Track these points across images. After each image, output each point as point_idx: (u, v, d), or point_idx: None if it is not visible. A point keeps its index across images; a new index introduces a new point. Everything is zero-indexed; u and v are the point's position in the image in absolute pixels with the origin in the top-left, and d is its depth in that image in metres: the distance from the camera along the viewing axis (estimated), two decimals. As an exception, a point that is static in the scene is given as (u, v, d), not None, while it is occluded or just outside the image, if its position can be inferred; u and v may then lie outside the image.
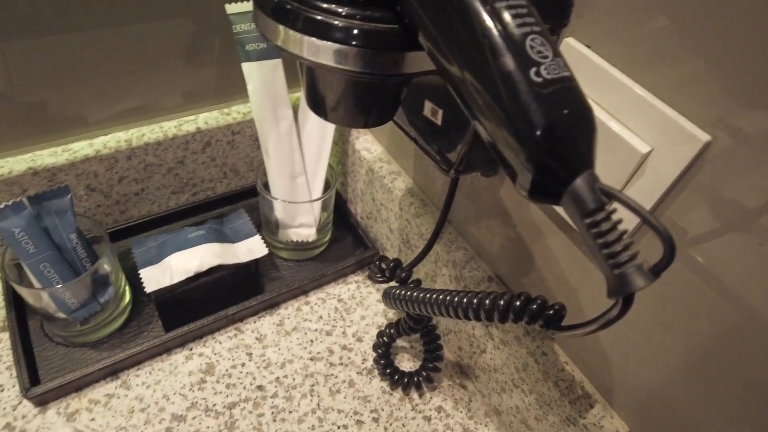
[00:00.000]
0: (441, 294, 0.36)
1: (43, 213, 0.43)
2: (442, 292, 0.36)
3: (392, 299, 0.40)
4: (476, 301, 0.32)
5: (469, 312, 0.33)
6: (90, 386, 0.45)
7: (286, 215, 0.52)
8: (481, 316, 0.32)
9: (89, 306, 0.45)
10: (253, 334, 0.49)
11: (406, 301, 0.39)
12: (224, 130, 0.53)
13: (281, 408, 0.45)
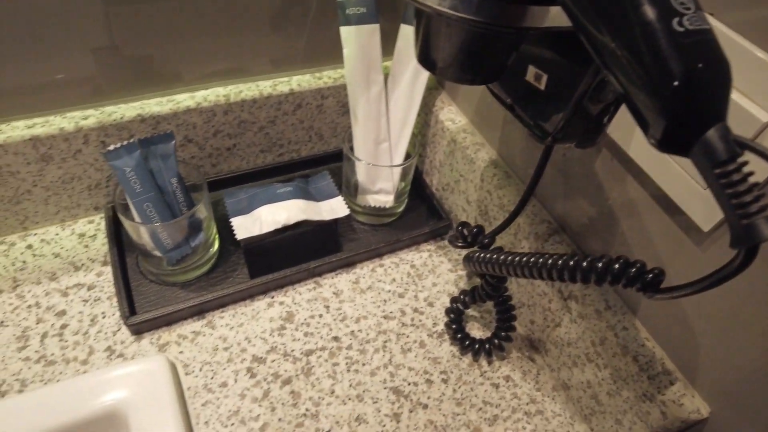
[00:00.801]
0: (533, 256, 0.36)
1: (150, 156, 0.46)
2: (534, 254, 0.36)
3: (477, 262, 0.41)
4: (572, 263, 0.33)
5: (564, 273, 0.33)
6: (179, 322, 0.48)
7: (367, 179, 0.53)
8: (576, 277, 0.33)
9: (182, 248, 0.48)
10: (330, 288, 0.51)
11: (494, 263, 0.39)
12: (315, 94, 0.55)
13: (355, 359, 0.47)
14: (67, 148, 0.48)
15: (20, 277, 0.49)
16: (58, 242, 0.52)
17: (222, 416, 0.43)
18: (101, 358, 0.45)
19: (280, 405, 0.44)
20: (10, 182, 0.48)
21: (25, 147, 0.46)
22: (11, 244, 0.51)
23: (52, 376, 0.43)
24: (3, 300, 0.47)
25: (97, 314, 0.47)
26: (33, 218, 0.52)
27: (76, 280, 0.49)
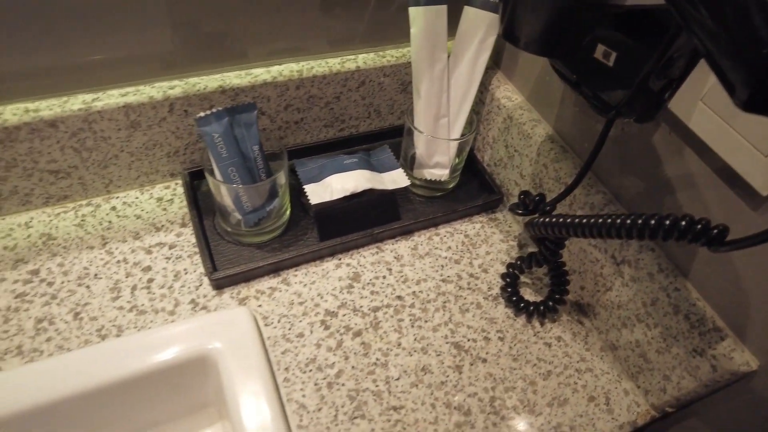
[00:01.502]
0: (601, 217, 0.40)
1: (235, 124, 0.49)
2: (603, 215, 0.40)
3: (543, 226, 0.44)
4: (641, 222, 0.36)
5: (633, 231, 0.36)
6: (256, 279, 0.52)
7: (426, 153, 0.57)
8: (645, 234, 0.36)
9: (259, 211, 0.52)
10: (391, 253, 0.55)
11: (562, 226, 0.43)
12: (378, 72, 0.58)
13: (418, 317, 0.51)
14: (154, 116, 0.51)
15: (108, 236, 0.53)
16: (138, 205, 0.56)
17: (300, 363, 0.47)
18: (186, 309, 0.49)
19: (352, 354, 0.48)
20: (102, 147, 0.52)
21: (119, 114, 0.50)
22: (97, 206, 0.55)
23: (144, 324, 0.47)
24: (95, 255, 0.51)
25: (179, 270, 0.51)
26: (116, 182, 0.55)
27: (158, 240, 0.53)
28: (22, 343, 0.45)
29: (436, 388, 0.47)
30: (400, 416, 0.45)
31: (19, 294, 0.48)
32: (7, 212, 0.53)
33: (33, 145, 0.49)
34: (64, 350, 0.45)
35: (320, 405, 0.44)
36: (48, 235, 0.52)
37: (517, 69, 0.57)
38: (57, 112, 0.48)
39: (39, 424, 0.43)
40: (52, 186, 0.53)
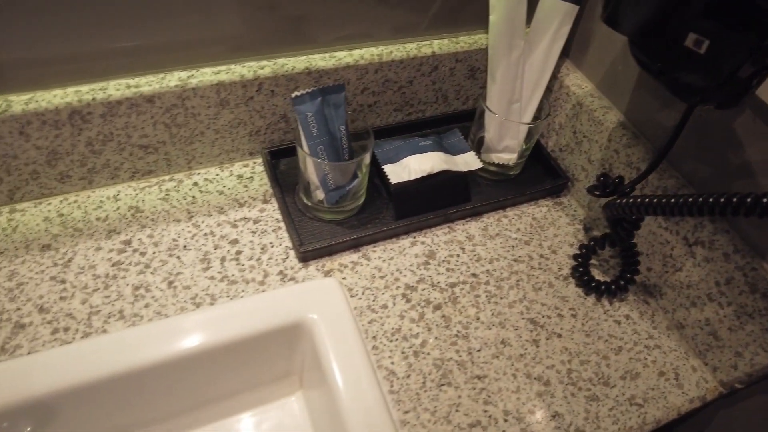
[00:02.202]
0: (682, 197, 0.41)
1: (325, 104, 0.51)
2: (683, 195, 0.42)
3: (625, 206, 0.46)
4: (736, 200, 0.38)
5: (728, 208, 0.38)
6: (338, 254, 0.54)
7: (496, 136, 0.59)
8: (740, 211, 0.38)
9: (340, 190, 0.54)
10: (463, 233, 0.57)
11: (646, 206, 0.44)
12: (450, 57, 0.60)
13: (493, 293, 0.53)
14: (243, 95, 0.53)
15: (193, 210, 0.55)
16: (219, 182, 0.58)
17: (387, 332, 0.49)
18: (275, 280, 0.51)
19: (434, 326, 0.50)
20: (191, 123, 0.54)
21: (211, 91, 0.52)
22: (180, 181, 0.57)
23: (235, 293, 0.49)
24: (182, 228, 0.53)
25: (265, 244, 0.53)
26: (198, 159, 0.57)
27: (242, 215, 0.55)
28: (123, 308, 0.47)
29: (516, 360, 0.49)
30: (484, 385, 0.47)
31: (115, 262, 0.50)
32: (97, 185, 0.55)
33: (130, 119, 0.51)
34: (162, 316, 0.47)
35: (408, 372, 0.47)
36: (136, 208, 0.54)
37: (587, 58, 0.59)
38: (155, 88, 0.50)
39: (134, 385, 0.45)
40: (140, 161, 0.55)
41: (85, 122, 0.49)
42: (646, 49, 0.47)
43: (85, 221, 0.53)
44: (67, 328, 0.46)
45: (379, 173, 0.57)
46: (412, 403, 0.45)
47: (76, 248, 0.51)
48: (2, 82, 0.47)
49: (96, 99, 0.48)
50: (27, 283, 0.48)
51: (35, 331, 0.45)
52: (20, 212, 0.53)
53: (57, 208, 0.54)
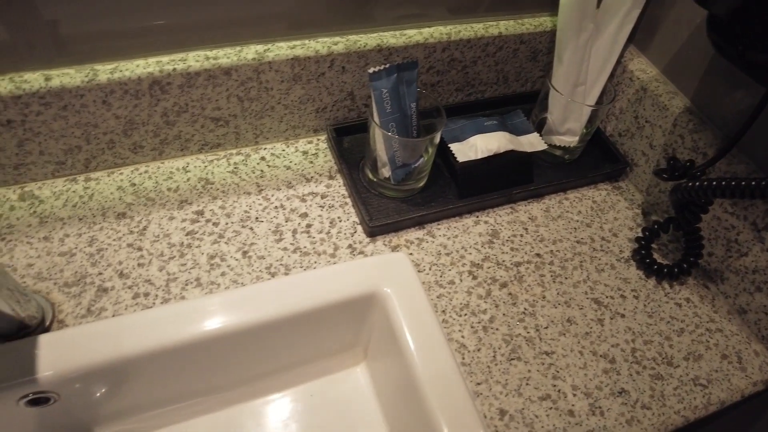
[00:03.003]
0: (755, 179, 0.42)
1: (399, 81, 0.52)
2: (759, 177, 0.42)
3: (696, 190, 0.47)
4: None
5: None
6: (404, 230, 0.54)
7: (559, 118, 0.59)
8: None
9: (406, 167, 0.55)
10: (525, 214, 0.58)
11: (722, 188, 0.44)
12: (515, 39, 0.60)
13: (557, 273, 0.54)
14: (315, 70, 0.54)
15: (262, 183, 0.56)
16: (285, 157, 0.59)
17: (455, 307, 0.50)
18: (345, 253, 0.52)
19: (501, 303, 0.51)
20: (263, 97, 0.54)
21: (285, 66, 0.52)
22: (247, 155, 0.58)
23: (308, 264, 0.50)
24: (252, 201, 0.54)
25: (334, 218, 0.54)
26: (265, 134, 0.58)
27: (310, 190, 0.56)
28: (200, 276, 0.49)
29: (581, 338, 0.50)
30: (552, 360, 0.48)
31: (189, 232, 0.51)
32: (167, 156, 0.56)
33: (206, 91, 0.52)
34: (238, 285, 0.49)
35: (479, 346, 0.48)
36: (206, 180, 0.55)
37: (653, 43, 0.59)
38: (233, 61, 0.50)
39: (210, 352, 0.47)
40: (210, 133, 0.56)
41: (164, 92, 0.50)
42: (727, 32, 0.47)
43: (156, 191, 0.54)
44: (147, 294, 0.47)
45: (440, 152, 0.58)
46: (483, 375, 0.46)
47: (150, 217, 0.52)
48: (88, 52, 0.48)
49: (176, 69, 0.49)
50: (106, 249, 0.49)
51: (117, 295, 0.47)
52: (95, 181, 0.54)
53: (129, 177, 0.55)
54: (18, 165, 0.51)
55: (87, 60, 0.48)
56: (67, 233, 0.50)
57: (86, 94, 0.48)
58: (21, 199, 0.52)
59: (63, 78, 0.47)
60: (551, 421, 0.45)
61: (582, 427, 0.45)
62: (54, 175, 0.54)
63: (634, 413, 0.46)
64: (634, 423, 0.45)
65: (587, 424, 0.45)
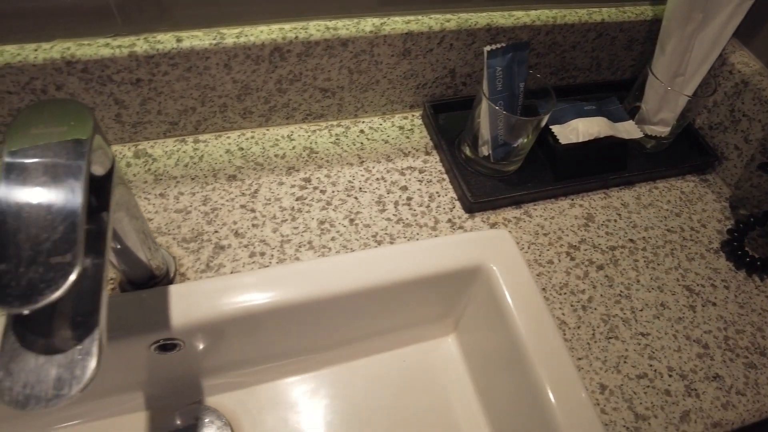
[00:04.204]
0: None
1: (512, 60, 0.53)
2: None
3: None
4: None
5: None
6: (501, 208, 0.56)
7: (654, 107, 0.60)
8: None
9: (506, 146, 0.56)
10: (618, 200, 0.59)
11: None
12: (616, 27, 0.60)
13: (650, 259, 0.55)
14: (425, 46, 0.55)
15: (363, 155, 0.57)
16: (383, 131, 0.60)
17: (555, 286, 0.51)
18: (446, 227, 0.53)
19: (599, 284, 0.52)
20: (371, 71, 0.55)
21: (399, 40, 0.53)
22: (347, 128, 0.59)
23: (411, 235, 0.52)
24: (355, 171, 0.56)
25: (432, 193, 0.55)
26: (365, 107, 0.60)
27: (408, 164, 0.57)
28: (312, 240, 0.50)
29: (675, 322, 0.51)
30: (648, 342, 0.49)
31: (299, 197, 0.53)
32: (273, 124, 0.58)
33: (321, 61, 0.53)
34: (348, 250, 0.50)
35: (578, 323, 0.49)
36: (310, 149, 0.57)
37: (759, 36, 0.59)
38: (351, 32, 0.51)
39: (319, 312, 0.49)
40: (316, 104, 0.57)
41: (282, 60, 0.51)
42: None
43: (264, 156, 0.56)
44: (263, 253, 0.49)
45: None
46: (584, 351, 0.48)
47: (260, 181, 0.54)
48: (216, 15, 0.49)
49: (298, 38, 0.50)
50: (220, 209, 0.51)
51: (234, 252, 0.49)
52: (203, 143, 0.56)
53: (236, 141, 0.56)
54: (136, 123, 0.53)
55: (214, 23, 0.49)
56: (182, 191, 0.52)
57: (211, 56, 0.49)
58: (136, 156, 0.54)
59: (193, 40, 0.48)
60: (649, 398, 0.46)
61: (679, 406, 0.46)
62: (165, 135, 0.55)
63: (729, 398, 0.47)
64: (729, 407, 0.47)
65: (683, 404, 0.46)
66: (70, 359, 0.27)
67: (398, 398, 0.54)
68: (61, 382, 0.26)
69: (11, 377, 0.25)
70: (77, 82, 0.48)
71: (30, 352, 0.27)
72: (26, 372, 0.26)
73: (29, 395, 0.26)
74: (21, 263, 0.26)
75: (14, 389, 0.25)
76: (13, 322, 0.28)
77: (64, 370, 0.27)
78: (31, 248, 0.26)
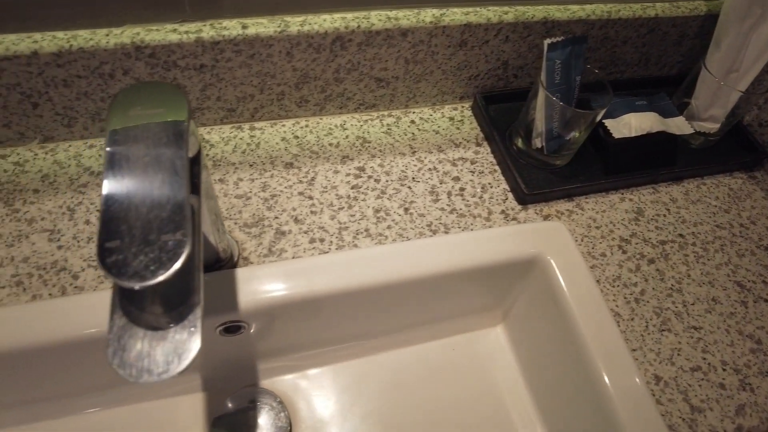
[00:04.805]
0: None
1: (570, 54, 0.53)
2: None
3: None
4: None
5: None
6: (553, 201, 0.56)
7: (705, 104, 0.60)
8: None
9: (559, 139, 0.56)
10: (666, 195, 0.59)
11: None
12: (668, 22, 0.60)
13: (700, 254, 0.55)
14: (481, 38, 0.55)
15: (414, 146, 0.58)
16: (433, 122, 0.60)
17: (609, 278, 0.52)
18: (499, 218, 0.54)
19: (650, 278, 0.52)
20: (427, 61, 0.56)
21: (457, 31, 0.54)
22: (398, 118, 0.60)
23: (465, 225, 0.53)
24: (408, 161, 0.56)
25: (485, 183, 0.56)
26: (416, 98, 0.60)
27: (459, 155, 0.58)
28: (368, 227, 0.51)
29: (727, 317, 0.51)
30: (701, 335, 0.50)
31: (354, 186, 0.54)
32: (326, 113, 0.58)
33: (380, 51, 0.53)
34: (403, 238, 0.51)
35: (632, 315, 0.50)
36: (363, 138, 0.57)
37: (813, 34, 0.59)
38: (411, 23, 0.52)
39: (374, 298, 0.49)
40: (369, 93, 0.58)
41: (343, 49, 0.52)
42: None
43: (319, 145, 0.56)
44: (323, 239, 0.50)
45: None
46: (638, 342, 0.48)
47: (316, 169, 0.54)
48: (280, 3, 0.49)
49: (360, 27, 0.51)
50: (279, 195, 0.52)
51: (295, 238, 0.49)
52: (259, 130, 0.57)
53: (291, 130, 0.57)
54: (195, 109, 0.54)
55: (278, 11, 0.50)
56: (241, 177, 0.53)
57: (275, 44, 0.50)
58: (194, 141, 0.55)
59: (258, 27, 0.49)
60: (703, 391, 0.47)
61: (733, 400, 0.47)
62: (222, 122, 0.56)
63: (782, 392, 0.48)
64: (783, 401, 0.47)
65: (738, 398, 0.47)
66: (175, 335, 0.28)
67: (448, 385, 0.55)
68: (169, 356, 0.27)
69: (126, 352, 0.26)
70: (143, 66, 0.48)
71: (137, 328, 0.28)
72: (137, 347, 0.27)
73: (142, 369, 0.26)
74: (134, 241, 0.26)
75: (128, 363, 0.26)
76: (119, 299, 0.29)
77: (171, 346, 0.27)
78: (143, 226, 0.27)
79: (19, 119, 0.50)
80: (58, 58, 0.46)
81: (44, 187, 0.50)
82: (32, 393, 0.46)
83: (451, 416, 0.53)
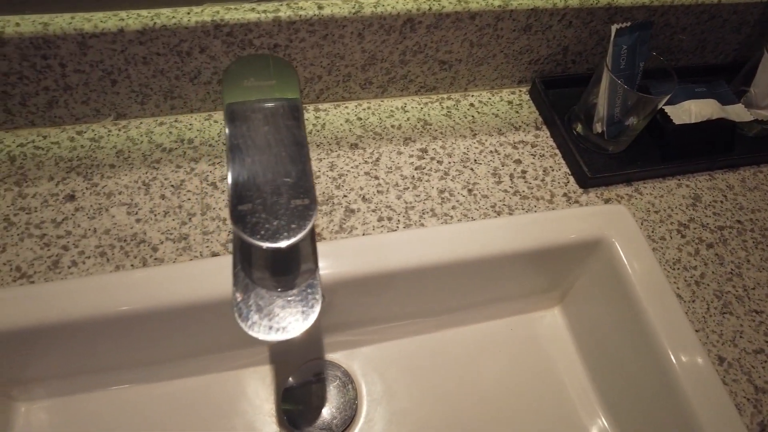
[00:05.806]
0: None
1: (636, 39, 0.54)
2: None
3: None
4: None
5: None
6: (613, 185, 0.57)
7: (763, 92, 0.60)
8: None
9: (619, 124, 0.57)
10: (723, 182, 0.60)
11: None
12: (730, 9, 0.60)
13: (759, 240, 0.56)
14: (546, 22, 0.56)
15: (475, 128, 0.59)
16: (492, 105, 0.61)
17: (669, 261, 0.52)
18: (562, 200, 0.55)
19: (710, 262, 0.53)
20: (491, 45, 0.57)
21: (524, 15, 0.54)
22: (457, 101, 0.61)
23: (528, 207, 0.54)
24: (469, 144, 0.57)
25: (546, 167, 0.57)
26: (476, 81, 0.61)
27: (519, 138, 0.59)
28: (434, 207, 0.52)
29: (786, 302, 0.52)
30: (762, 319, 0.51)
31: (417, 167, 0.55)
32: (388, 95, 0.59)
33: (447, 34, 0.54)
34: (468, 219, 0.52)
35: (693, 298, 0.51)
36: (424, 121, 0.58)
37: None
38: (481, 6, 0.52)
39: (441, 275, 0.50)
40: (432, 76, 0.58)
41: (412, 31, 0.53)
42: None
43: (381, 127, 0.57)
44: (390, 218, 0.51)
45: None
46: (700, 324, 0.49)
47: (380, 150, 0.55)
48: (354, -15, 0.50)
49: (431, 9, 0.51)
50: (346, 174, 0.53)
51: (364, 216, 0.51)
52: (323, 111, 0.58)
53: (354, 112, 0.58)
54: (264, 89, 0.55)
55: (351, -7, 0.51)
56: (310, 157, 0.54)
57: (348, 25, 0.51)
58: (261, 121, 0.56)
59: (333, 8, 0.49)
60: (767, 372, 0.48)
61: (795, 381, 0.48)
62: (287, 102, 0.57)
63: (843, 376, 0.48)
64: (844, 385, 0.48)
65: (799, 379, 0.48)
66: (299, 296, 0.29)
67: (507, 364, 0.56)
68: (294, 315, 0.29)
69: (260, 313, 0.28)
70: (220, 45, 0.50)
71: (262, 289, 0.29)
72: (267, 307, 0.28)
73: (271, 328, 0.28)
74: (266, 205, 0.28)
75: (261, 323, 0.28)
76: (241, 260, 0.30)
77: (296, 305, 0.29)
78: (272, 192, 0.28)
79: (97, 96, 0.51)
80: (142, 36, 0.47)
81: (119, 163, 0.51)
82: (133, 355, 0.48)
83: (511, 393, 0.54)
